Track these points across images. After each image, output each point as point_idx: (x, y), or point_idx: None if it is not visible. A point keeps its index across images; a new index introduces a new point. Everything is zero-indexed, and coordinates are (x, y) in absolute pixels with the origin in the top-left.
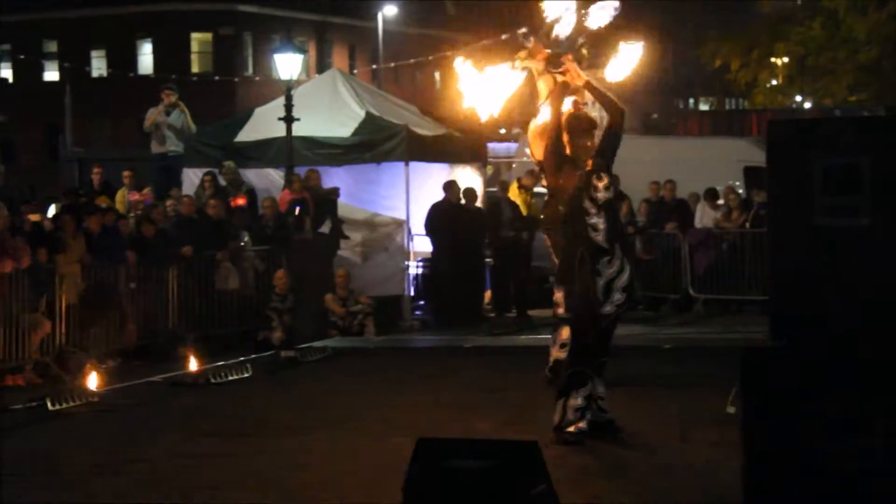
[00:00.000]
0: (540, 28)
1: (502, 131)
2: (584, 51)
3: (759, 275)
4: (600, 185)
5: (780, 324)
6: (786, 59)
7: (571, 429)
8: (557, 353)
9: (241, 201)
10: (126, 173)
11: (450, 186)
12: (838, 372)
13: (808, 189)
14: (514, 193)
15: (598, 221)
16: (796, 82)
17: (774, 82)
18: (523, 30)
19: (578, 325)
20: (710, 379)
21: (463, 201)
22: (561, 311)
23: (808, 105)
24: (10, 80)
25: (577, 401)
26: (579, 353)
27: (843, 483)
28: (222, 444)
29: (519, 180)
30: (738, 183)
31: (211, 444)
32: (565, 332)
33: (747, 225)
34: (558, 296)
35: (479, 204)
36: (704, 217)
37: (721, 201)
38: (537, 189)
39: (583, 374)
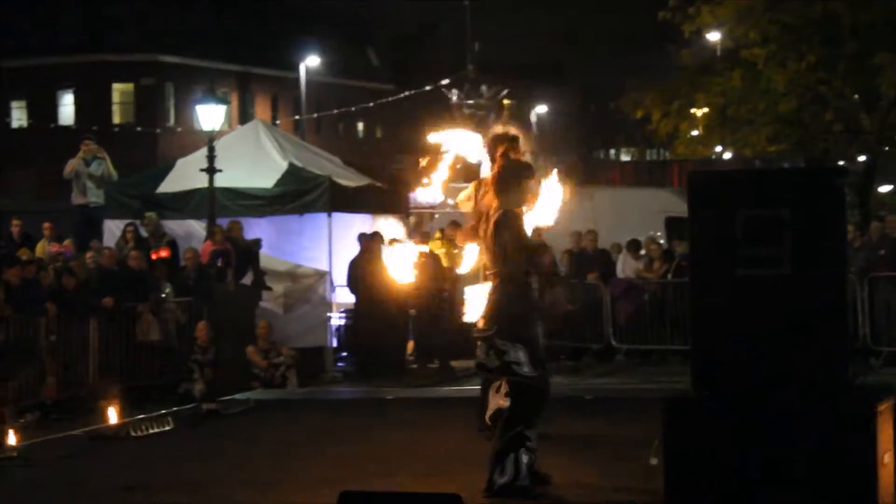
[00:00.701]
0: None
1: (425, 181)
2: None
3: (682, 325)
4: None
5: (702, 373)
6: (706, 110)
7: (525, 482)
8: (501, 402)
9: (163, 253)
10: (46, 225)
11: (371, 238)
12: (761, 422)
13: (730, 239)
14: (435, 245)
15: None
16: (716, 133)
17: (695, 133)
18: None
19: (531, 389)
20: (633, 430)
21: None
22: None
23: (728, 155)
24: None
25: (525, 458)
26: (528, 416)
27: None
28: (143, 498)
29: (442, 231)
30: (659, 233)
31: (132, 498)
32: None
33: (669, 275)
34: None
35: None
36: (626, 267)
37: (643, 251)
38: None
39: (525, 433)
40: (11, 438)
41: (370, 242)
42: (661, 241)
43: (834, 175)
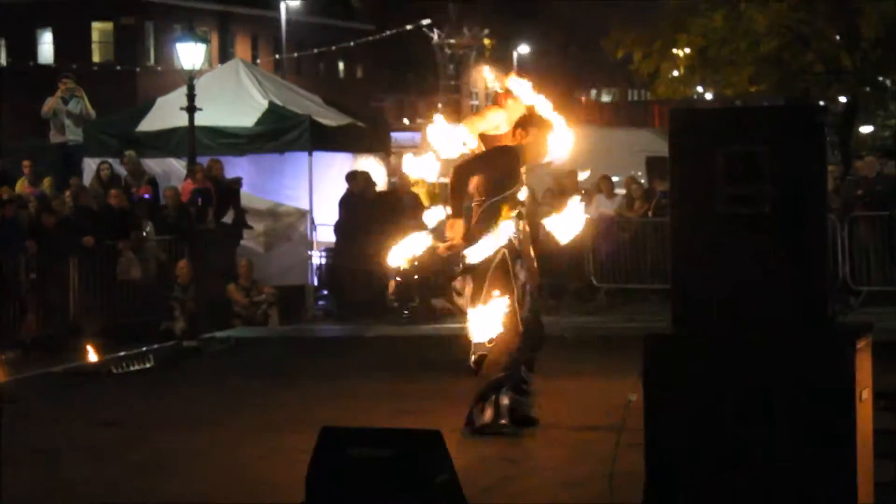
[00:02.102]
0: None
1: (406, 121)
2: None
3: (662, 264)
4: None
5: (681, 312)
6: (687, 51)
7: (504, 421)
8: (486, 345)
9: (144, 192)
10: (26, 163)
11: (353, 177)
12: (739, 359)
13: (710, 177)
14: (416, 184)
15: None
16: (697, 73)
17: (676, 73)
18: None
19: (506, 336)
20: (613, 367)
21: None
22: (461, 301)
23: (709, 96)
24: None
25: (506, 400)
26: (508, 363)
27: (745, 471)
28: (123, 435)
29: None
30: (640, 173)
31: (112, 435)
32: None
33: (650, 214)
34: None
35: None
36: (599, 205)
37: (622, 191)
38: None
39: (515, 374)
40: None
41: (359, 182)
42: (642, 181)
43: (814, 112)
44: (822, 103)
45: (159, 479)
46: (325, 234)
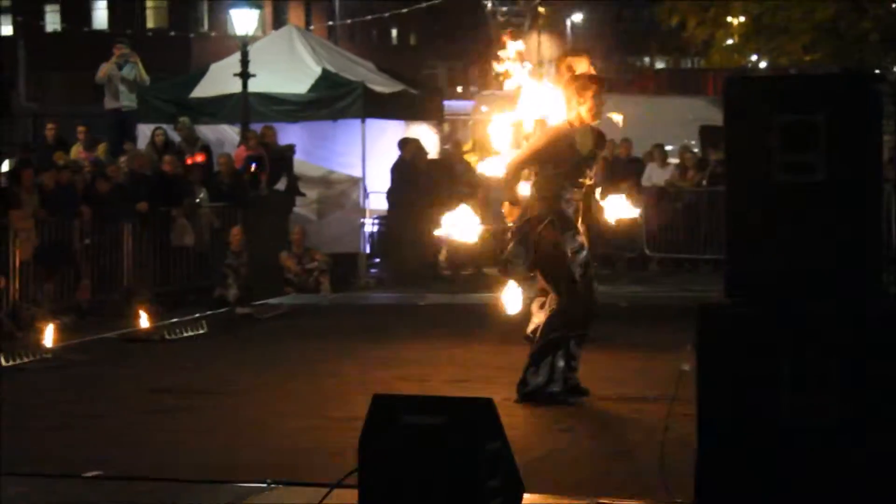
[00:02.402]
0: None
1: (459, 89)
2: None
3: (714, 234)
4: (590, 171)
5: (735, 281)
6: (742, 18)
7: (556, 388)
8: (543, 317)
9: (199, 158)
10: (81, 128)
11: (404, 143)
12: (793, 329)
13: (765, 145)
14: (469, 152)
15: (576, 197)
16: (752, 41)
17: (730, 41)
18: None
19: (557, 285)
20: (666, 336)
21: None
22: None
23: (763, 64)
24: None
25: (561, 362)
26: (569, 320)
27: (797, 441)
28: (176, 400)
29: (474, 140)
30: (693, 142)
31: (165, 400)
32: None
33: (703, 183)
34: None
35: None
36: (652, 175)
37: (676, 160)
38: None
39: (565, 339)
40: (47, 340)
41: (410, 149)
42: (695, 150)
43: (871, 80)
44: (878, 71)
45: (209, 445)
46: (378, 201)
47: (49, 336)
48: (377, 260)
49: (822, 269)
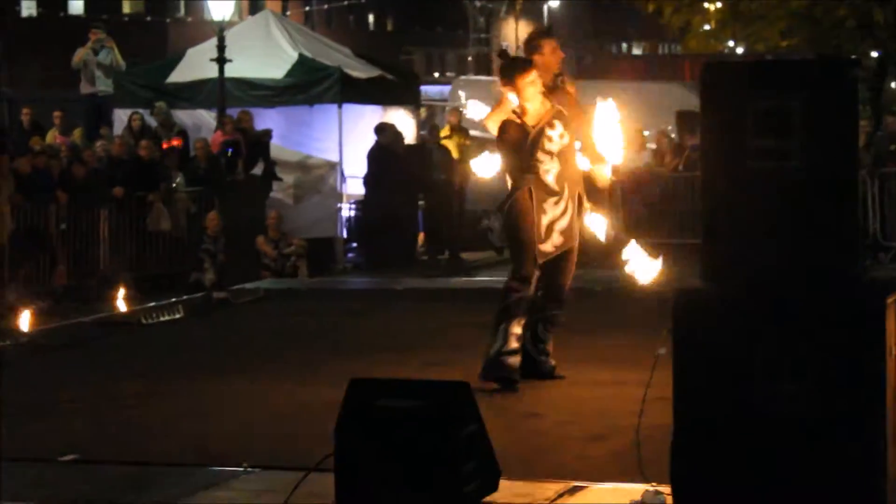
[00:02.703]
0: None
1: (436, 74)
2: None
3: (692, 219)
4: (554, 134)
5: (711, 266)
6: (718, 5)
7: (510, 361)
8: None
9: (175, 143)
10: (57, 113)
11: (381, 129)
12: (769, 314)
13: (741, 131)
14: (446, 137)
15: (551, 164)
16: (729, 27)
17: (707, 27)
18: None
19: (517, 252)
20: (642, 321)
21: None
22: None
23: (740, 50)
24: None
25: (517, 328)
26: (517, 280)
27: (773, 426)
28: (153, 385)
29: (450, 124)
30: (670, 127)
31: (142, 384)
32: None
33: (680, 168)
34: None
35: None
36: (629, 160)
37: (653, 145)
38: (474, 133)
39: (526, 302)
40: (22, 325)
41: (387, 135)
42: (672, 135)
43: (846, 66)
44: (853, 57)
45: (186, 430)
46: (355, 186)
47: (25, 320)
48: (354, 245)
49: (797, 255)
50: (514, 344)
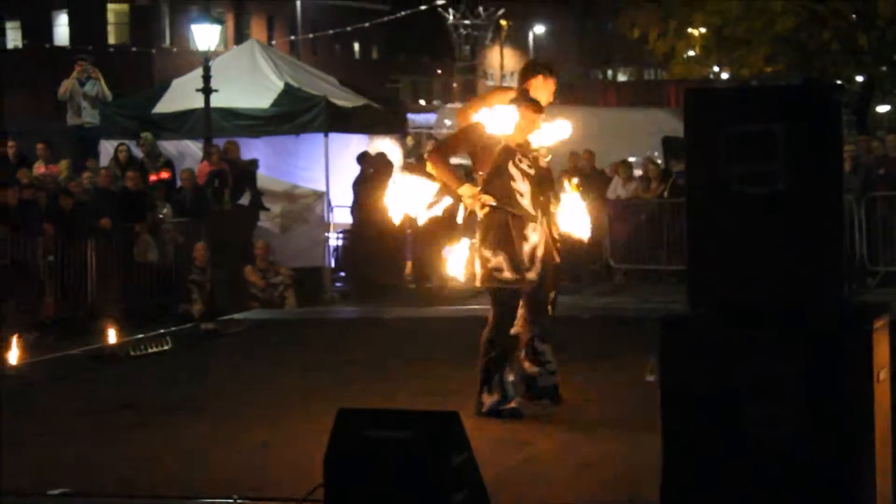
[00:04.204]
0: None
1: (422, 102)
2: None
3: (678, 245)
4: (526, 159)
5: (697, 292)
6: (703, 30)
7: (512, 404)
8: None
9: (164, 175)
10: (40, 145)
11: (363, 157)
12: (756, 339)
13: (725, 156)
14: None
15: (524, 188)
16: (713, 53)
17: (692, 53)
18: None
19: (501, 296)
20: (630, 348)
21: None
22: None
23: (725, 76)
24: None
25: (511, 376)
26: (502, 326)
27: (761, 452)
28: (142, 417)
29: None
30: (656, 153)
31: (131, 417)
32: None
33: (666, 194)
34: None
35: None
36: (616, 188)
37: (639, 172)
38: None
39: (511, 350)
40: (10, 357)
41: (373, 163)
42: (658, 161)
43: (830, 90)
44: (838, 82)
45: (175, 462)
46: (342, 215)
47: (13, 353)
48: (342, 274)
49: (783, 280)
50: (510, 393)
